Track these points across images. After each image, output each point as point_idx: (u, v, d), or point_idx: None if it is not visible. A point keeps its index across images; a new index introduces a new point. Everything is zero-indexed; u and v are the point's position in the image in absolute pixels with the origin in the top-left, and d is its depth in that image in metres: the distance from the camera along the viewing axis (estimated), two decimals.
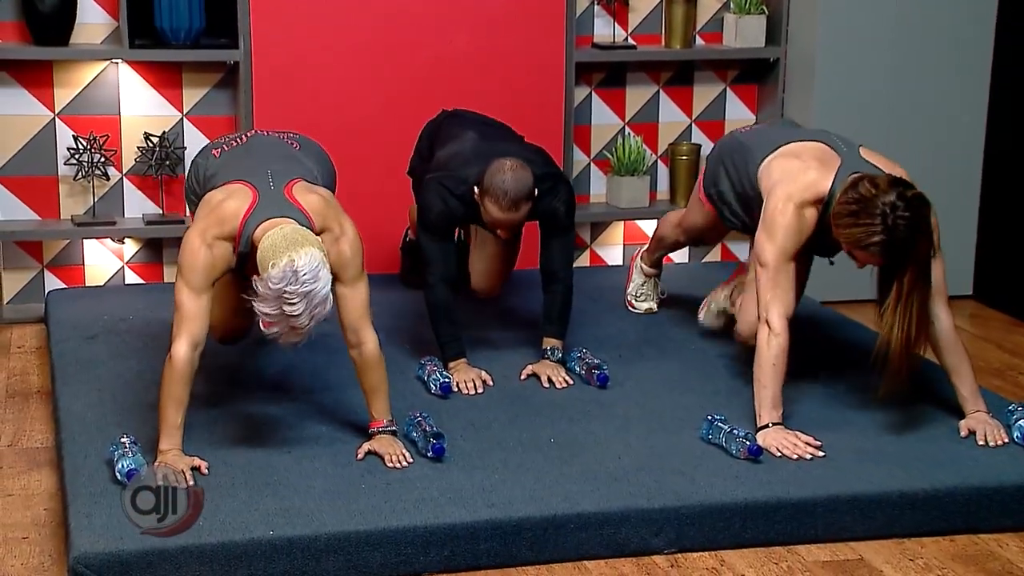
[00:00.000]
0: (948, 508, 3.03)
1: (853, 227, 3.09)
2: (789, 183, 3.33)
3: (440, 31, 4.48)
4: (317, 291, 2.84)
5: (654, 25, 4.75)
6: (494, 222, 3.52)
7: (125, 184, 4.48)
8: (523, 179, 3.48)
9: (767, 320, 3.27)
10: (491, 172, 3.49)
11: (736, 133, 3.74)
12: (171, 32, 4.30)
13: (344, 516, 2.83)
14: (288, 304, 2.82)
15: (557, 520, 2.87)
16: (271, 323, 2.86)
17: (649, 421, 3.38)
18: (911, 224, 3.06)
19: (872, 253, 3.09)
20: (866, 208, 3.07)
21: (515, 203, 3.47)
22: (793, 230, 3.29)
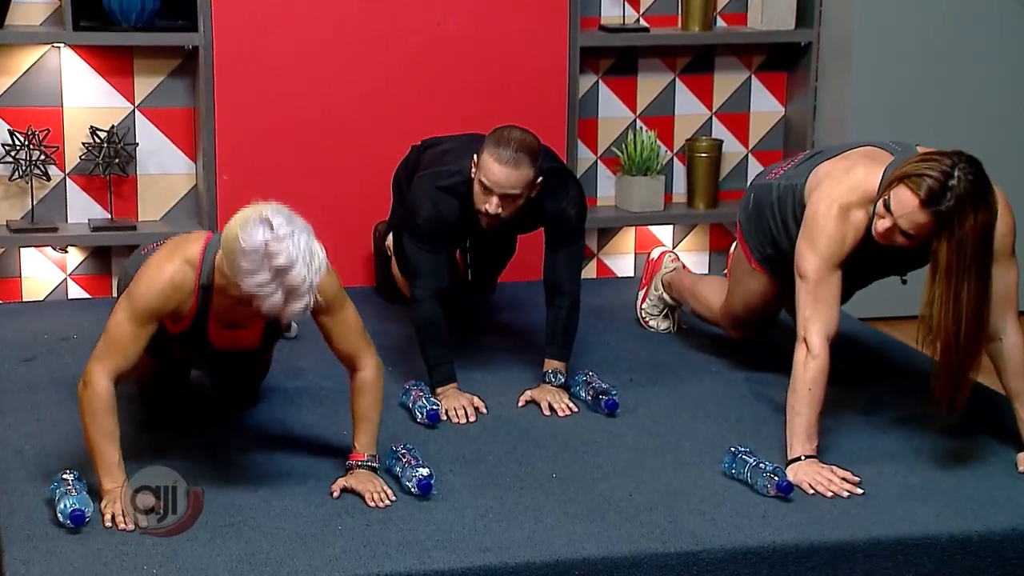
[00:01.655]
0: (1005, 553, 3.03)
1: (915, 163, 3.12)
2: (833, 184, 3.34)
3: (428, 13, 4.50)
4: (298, 234, 2.87)
5: (669, 5, 4.78)
6: (487, 182, 3.47)
7: (68, 185, 4.50)
8: (532, 142, 3.50)
9: (805, 339, 3.28)
10: (496, 130, 3.53)
11: (767, 179, 3.65)
12: (121, 13, 4.32)
13: (318, 562, 2.83)
14: (275, 256, 2.83)
15: (560, 566, 2.87)
16: (270, 293, 2.85)
17: (664, 453, 3.39)
18: (971, 188, 3.07)
19: (914, 190, 3.07)
20: (931, 158, 3.12)
21: (516, 158, 3.46)
22: (837, 236, 3.29)
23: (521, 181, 3.48)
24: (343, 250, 4.55)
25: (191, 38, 4.37)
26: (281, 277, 2.85)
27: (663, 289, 4.21)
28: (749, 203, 3.68)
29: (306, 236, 2.90)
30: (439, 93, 4.54)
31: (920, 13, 4.61)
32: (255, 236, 2.85)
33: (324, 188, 4.52)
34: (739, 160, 4.95)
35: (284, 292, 2.86)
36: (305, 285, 2.87)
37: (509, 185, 3.48)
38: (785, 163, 3.67)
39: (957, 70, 4.66)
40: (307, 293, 2.88)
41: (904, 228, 3.14)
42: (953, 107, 4.69)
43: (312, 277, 2.88)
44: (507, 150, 3.47)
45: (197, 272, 3.03)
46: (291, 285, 2.85)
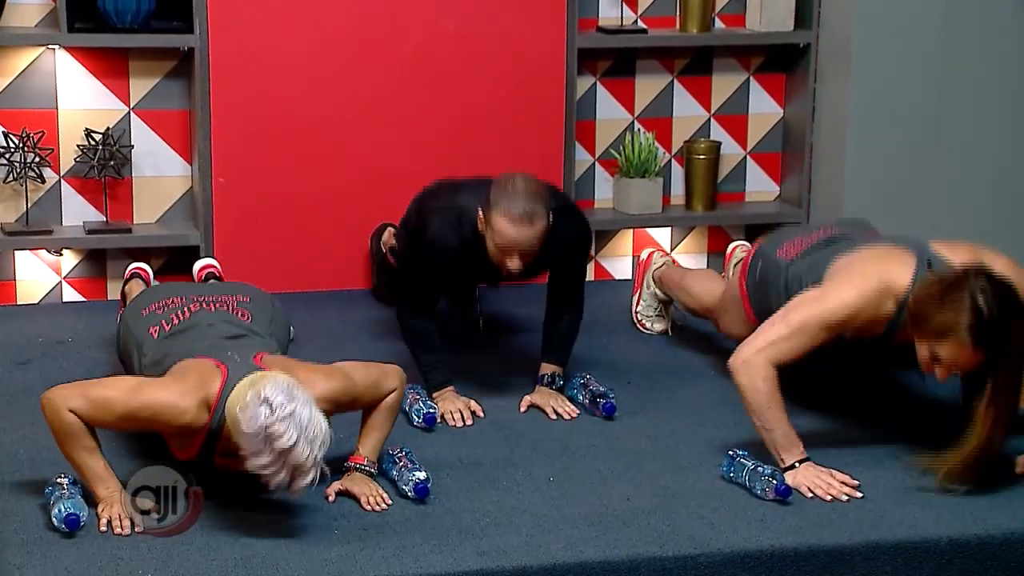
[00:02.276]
0: (1004, 557, 3.04)
1: (937, 314, 3.07)
2: (870, 265, 3.28)
3: (426, 14, 4.50)
4: (299, 411, 2.84)
5: (667, 6, 4.78)
6: (504, 244, 3.42)
7: (63, 187, 4.50)
8: (538, 189, 3.44)
9: (746, 360, 3.24)
10: (499, 184, 3.45)
11: (778, 256, 3.58)
12: (116, 14, 4.32)
13: (315, 565, 2.83)
14: (277, 439, 2.82)
15: (557, 570, 2.87)
16: (274, 473, 2.85)
17: (662, 457, 3.39)
18: (1003, 305, 3.06)
19: (959, 341, 3.05)
20: (952, 290, 3.08)
21: (529, 215, 3.39)
22: (855, 309, 3.22)
23: (538, 235, 3.43)
24: (340, 252, 4.57)
25: (187, 39, 4.37)
26: (285, 457, 2.84)
27: (655, 285, 4.22)
28: (756, 271, 3.64)
29: (307, 411, 2.86)
30: (436, 94, 4.54)
31: (919, 15, 4.62)
32: (256, 419, 2.83)
33: (321, 190, 4.53)
34: (737, 162, 4.95)
35: (289, 471, 2.85)
36: (310, 462, 2.85)
37: (528, 243, 3.43)
38: (797, 239, 3.59)
39: (956, 72, 4.66)
40: (313, 468, 2.86)
41: (965, 368, 3.14)
42: (952, 109, 4.69)
43: (317, 452, 2.86)
44: (518, 206, 3.38)
45: (210, 415, 2.99)
46: (295, 464, 2.84)
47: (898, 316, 3.23)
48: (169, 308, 3.38)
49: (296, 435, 2.82)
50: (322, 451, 2.87)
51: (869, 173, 4.70)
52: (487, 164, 4.58)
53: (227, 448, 2.99)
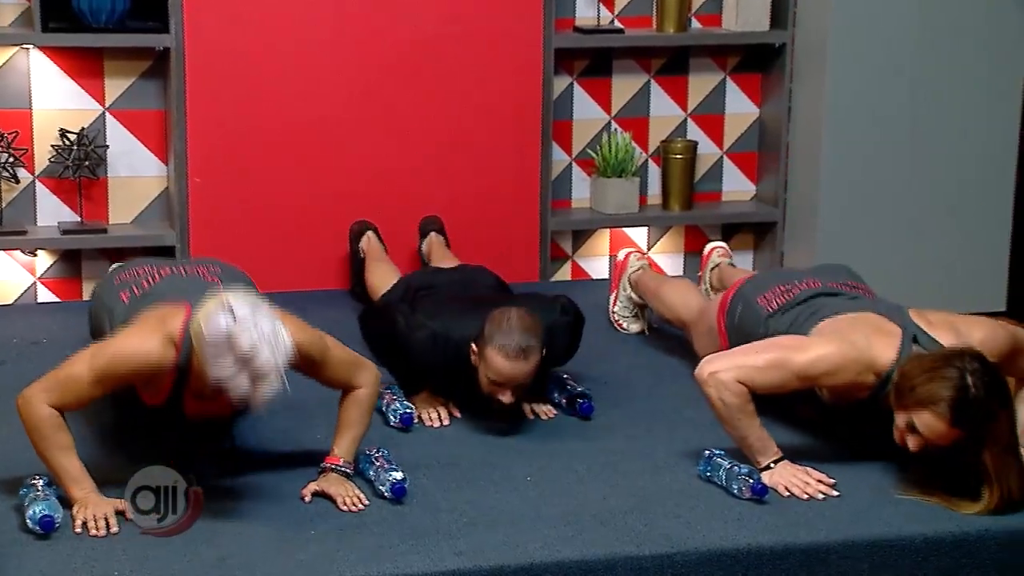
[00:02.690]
0: (979, 554, 3.05)
1: (922, 385, 3.07)
2: (859, 334, 3.27)
3: (403, 14, 4.50)
4: (260, 319, 2.84)
5: (644, 6, 4.79)
6: (498, 377, 3.38)
7: (38, 188, 4.48)
8: (532, 324, 3.41)
9: (717, 373, 3.23)
10: (494, 319, 3.40)
11: (758, 303, 3.55)
12: (91, 14, 4.30)
13: (291, 567, 2.82)
14: (238, 343, 2.81)
15: (534, 569, 2.87)
16: (235, 381, 2.84)
17: (639, 457, 3.39)
18: (990, 389, 3.06)
19: (938, 415, 3.04)
20: (943, 364, 3.08)
21: (524, 351, 3.35)
22: (837, 366, 3.21)
23: (532, 369, 3.41)
24: (317, 252, 4.56)
25: (162, 39, 4.36)
26: (246, 364, 2.83)
27: (630, 289, 4.22)
28: (736, 315, 3.61)
29: (269, 320, 2.87)
30: (413, 94, 4.54)
31: (894, 14, 4.64)
32: (217, 325, 2.84)
33: (298, 190, 4.52)
34: (714, 161, 4.97)
35: (250, 378, 2.84)
36: (271, 369, 2.85)
37: (522, 377, 3.41)
38: (779, 288, 3.56)
39: (931, 71, 4.68)
40: (274, 377, 2.86)
41: (939, 445, 3.12)
42: (927, 108, 4.71)
43: (278, 360, 2.85)
44: (512, 342, 3.35)
45: (177, 351, 2.99)
46: (257, 371, 2.84)
47: (881, 388, 3.23)
48: (140, 275, 3.38)
49: (257, 339, 2.82)
50: (284, 360, 2.86)
51: (845, 172, 4.72)
52: (464, 164, 4.61)
53: (197, 388, 2.99)
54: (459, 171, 4.61)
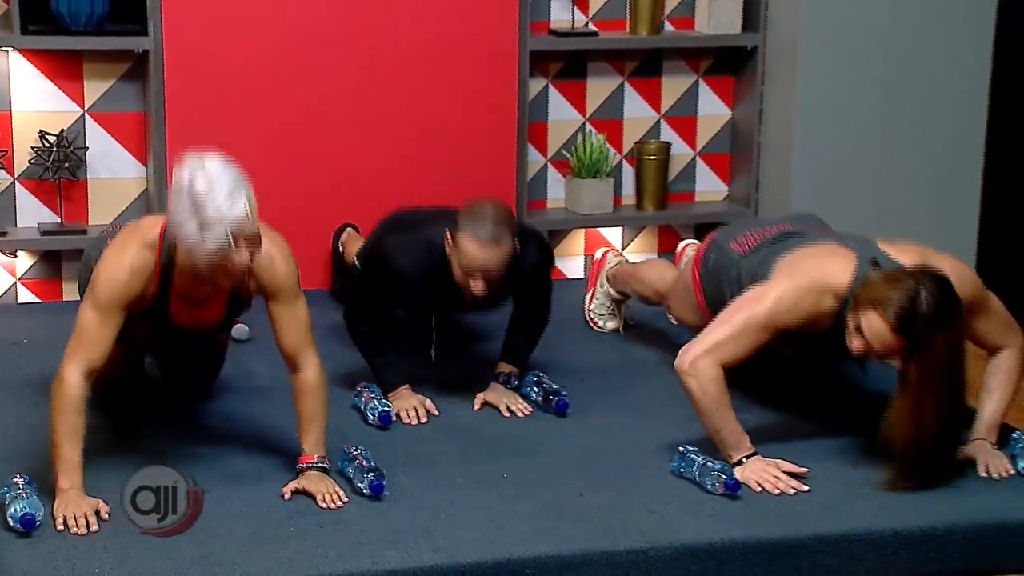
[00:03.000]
0: (946, 548, 3.08)
1: (877, 289, 3.12)
2: (807, 265, 3.32)
3: (379, 16, 4.51)
4: (225, 175, 2.91)
5: (618, 9, 4.81)
6: (471, 267, 3.42)
7: (17, 189, 4.48)
8: (505, 215, 3.46)
9: (696, 362, 3.26)
10: (467, 208, 3.45)
11: (731, 247, 3.61)
12: (70, 16, 4.30)
13: (270, 564, 2.84)
14: (194, 184, 2.88)
15: (511, 565, 2.89)
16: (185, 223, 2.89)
17: (614, 453, 3.41)
18: (940, 310, 3.08)
19: (883, 317, 3.08)
20: (902, 277, 3.13)
21: (496, 238, 3.40)
22: (794, 306, 3.26)
23: (504, 257, 3.45)
24: (297, 253, 4.54)
25: (141, 42, 4.36)
26: (196, 207, 2.89)
27: (608, 284, 4.25)
28: (709, 261, 3.66)
29: (232, 178, 2.93)
30: (391, 96, 4.55)
31: (864, 17, 4.67)
32: (184, 170, 2.92)
33: (278, 191, 4.50)
34: (687, 162, 4.99)
35: (197, 222, 2.89)
36: (216, 218, 2.89)
37: (494, 264, 3.44)
38: (748, 234, 3.61)
39: (901, 73, 4.71)
40: (219, 229, 2.90)
41: (877, 350, 3.15)
42: (895, 109, 4.74)
43: (226, 215, 2.90)
44: (485, 229, 3.40)
45: (157, 253, 3.06)
46: (204, 216, 2.89)
47: (842, 310, 3.26)
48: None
49: (211, 186, 2.89)
50: (234, 217, 2.89)
51: (815, 173, 4.75)
52: (441, 165, 4.62)
53: (182, 287, 3.06)
54: (437, 171, 4.62)
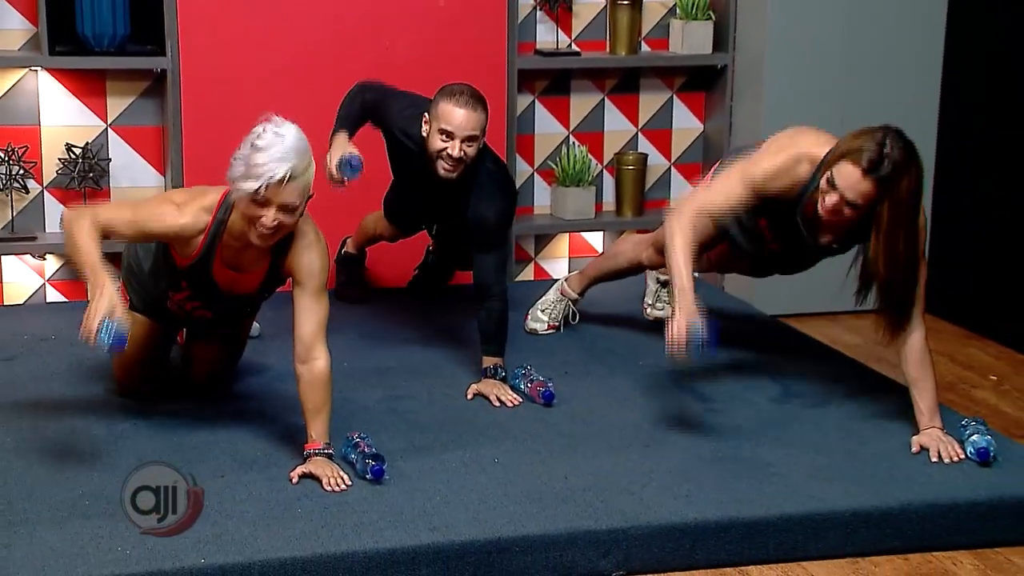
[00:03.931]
0: (902, 526, 3.08)
1: (847, 143, 3.18)
2: (790, 136, 3.40)
3: (378, 37, 4.50)
4: (292, 136, 2.94)
5: (598, 31, 4.80)
6: (448, 126, 3.43)
7: (46, 197, 4.45)
8: (475, 89, 3.51)
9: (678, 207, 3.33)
10: (441, 89, 3.54)
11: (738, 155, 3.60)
12: (94, 38, 4.28)
13: (279, 542, 2.82)
14: (258, 138, 2.92)
15: (501, 543, 2.88)
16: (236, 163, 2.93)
17: (596, 440, 3.40)
18: (906, 152, 3.16)
19: (856, 163, 3.13)
20: (869, 130, 3.20)
21: (472, 101, 3.44)
22: (776, 169, 3.32)
23: (480, 122, 3.46)
24: None
25: (160, 62, 4.34)
26: (250, 154, 2.92)
27: (567, 284, 4.15)
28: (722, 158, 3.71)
29: (296, 143, 2.95)
30: None
31: (824, 39, 4.67)
32: (261, 124, 2.96)
33: None
34: (663, 172, 4.98)
35: (244, 166, 2.92)
36: (260, 168, 2.91)
37: (470, 127, 3.44)
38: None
39: (856, 90, 4.71)
40: (260, 176, 2.91)
41: (850, 199, 3.19)
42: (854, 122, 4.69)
43: (272, 168, 2.91)
44: (462, 96, 3.46)
45: (213, 213, 3.08)
46: (252, 162, 2.92)
47: (811, 180, 3.28)
48: None
49: (271, 144, 2.91)
50: (276, 171, 2.91)
51: None
52: None
53: (229, 252, 3.09)
54: None
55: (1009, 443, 3.46)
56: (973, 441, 3.30)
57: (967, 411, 3.78)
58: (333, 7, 4.45)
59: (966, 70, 4.75)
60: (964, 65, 4.75)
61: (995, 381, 4.23)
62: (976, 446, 3.29)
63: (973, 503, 3.12)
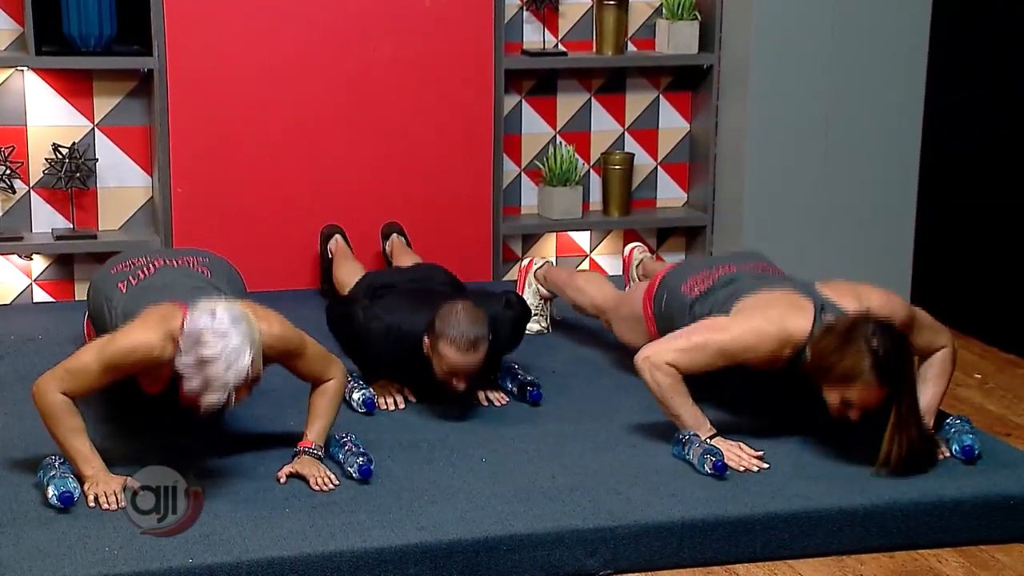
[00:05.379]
0: (887, 524, 3.08)
1: (839, 363, 3.10)
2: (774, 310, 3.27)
3: (364, 39, 4.49)
4: (233, 335, 2.82)
5: (585, 31, 4.80)
6: (452, 368, 3.39)
7: (33, 197, 4.43)
8: (478, 317, 3.41)
9: (650, 356, 3.26)
10: (442, 315, 3.40)
11: (682, 291, 3.53)
12: (80, 38, 4.26)
13: (267, 542, 2.82)
14: (202, 346, 2.80)
15: (489, 542, 2.88)
16: (190, 378, 2.82)
17: (583, 439, 3.40)
18: (894, 342, 3.11)
19: (866, 382, 3.09)
20: (848, 339, 3.11)
21: (473, 341, 3.36)
22: (756, 344, 3.23)
23: (481, 358, 3.41)
24: (289, 254, 4.55)
25: (146, 62, 4.32)
26: (203, 367, 2.81)
27: (537, 283, 4.17)
28: (662, 303, 3.59)
29: (240, 340, 2.83)
30: (375, 112, 4.53)
31: (809, 39, 4.67)
32: (196, 322, 2.83)
33: (270, 197, 4.50)
34: (649, 171, 4.98)
35: (201, 381, 2.82)
36: (219, 383, 2.82)
37: (474, 366, 3.41)
38: (700, 275, 3.55)
39: (842, 91, 4.72)
40: (220, 391, 2.83)
41: (872, 407, 3.14)
42: (839, 123, 4.75)
43: (229, 379, 2.82)
44: (462, 336, 3.35)
45: (175, 346, 2.93)
46: (208, 378, 2.82)
47: (797, 358, 3.25)
48: (136, 266, 3.35)
49: (220, 352, 2.80)
50: (235, 379, 2.82)
51: (766, 181, 4.75)
52: (423, 174, 4.60)
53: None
54: (419, 181, 4.61)
55: (994, 441, 3.47)
56: (959, 439, 3.31)
57: (952, 409, 3.78)
58: (320, 8, 4.44)
59: (951, 70, 4.76)
60: (949, 65, 4.76)
61: (980, 379, 4.24)
62: (961, 444, 3.30)
63: (958, 501, 3.12)
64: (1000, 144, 4.60)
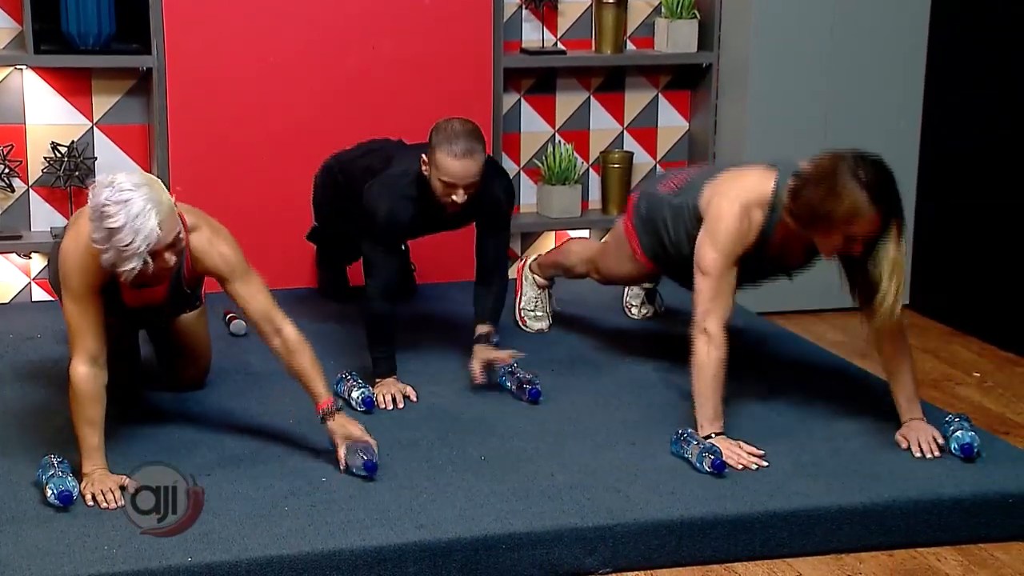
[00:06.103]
0: (886, 522, 3.08)
1: (838, 207, 3.10)
2: (730, 188, 3.38)
3: (364, 37, 4.49)
4: (135, 200, 2.81)
5: (584, 30, 4.80)
6: (450, 177, 3.44)
7: (31, 196, 4.43)
8: (473, 127, 3.49)
9: (706, 329, 3.31)
10: (437, 128, 3.49)
11: (659, 190, 3.63)
12: (79, 37, 4.26)
13: (266, 540, 2.82)
14: (106, 218, 2.80)
15: (488, 540, 2.88)
16: (102, 251, 2.85)
17: (582, 437, 3.40)
18: (876, 166, 3.13)
19: (869, 214, 3.09)
20: (834, 182, 3.11)
21: (470, 150, 3.43)
22: (737, 234, 3.32)
23: (479, 168, 3.47)
24: (286, 253, 4.55)
25: (145, 60, 4.32)
26: (111, 238, 2.82)
27: (532, 273, 4.19)
28: (641, 209, 3.68)
29: (143, 203, 2.83)
30: (375, 110, 4.53)
31: (807, 38, 4.67)
32: (99, 195, 2.84)
33: (268, 197, 4.50)
34: (648, 170, 4.98)
35: (114, 253, 2.84)
36: (131, 251, 2.82)
37: (471, 176, 3.46)
38: (675, 177, 3.65)
39: (841, 89, 4.72)
40: (134, 257, 2.83)
41: (868, 238, 3.14)
42: (837, 122, 4.75)
43: (139, 244, 2.82)
44: (459, 144, 3.44)
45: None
46: (118, 247, 2.83)
47: (768, 221, 3.28)
48: None
49: (124, 221, 2.80)
50: (145, 244, 2.82)
51: None
52: None
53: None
54: None
55: (992, 439, 3.47)
56: (957, 437, 3.31)
57: (951, 408, 3.79)
58: (319, 6, 4.44)
59: (950, 70, 4.76)
60: (948, 65, 4.76)
61: (978, 378, 4.25)
62: (960, 442, 3.29)
63: (957, 499, 3.12)
64: (999, 144, 4.61)
